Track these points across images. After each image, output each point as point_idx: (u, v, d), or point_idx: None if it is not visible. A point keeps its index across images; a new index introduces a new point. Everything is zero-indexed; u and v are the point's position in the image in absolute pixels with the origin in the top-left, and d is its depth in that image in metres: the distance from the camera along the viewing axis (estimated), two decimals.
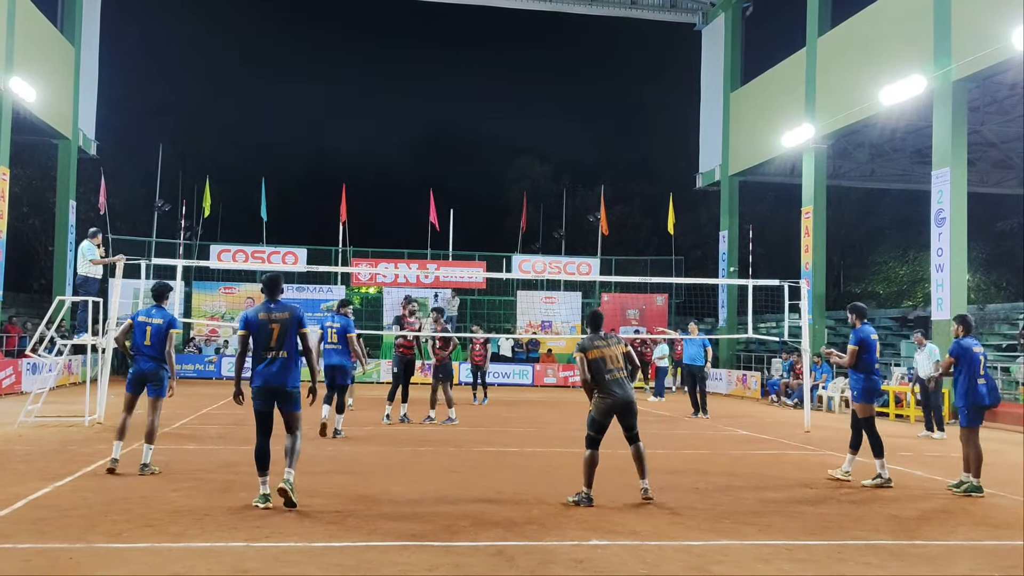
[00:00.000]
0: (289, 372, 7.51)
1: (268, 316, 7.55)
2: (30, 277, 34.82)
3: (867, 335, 9.79)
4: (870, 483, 9.40)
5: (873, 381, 9.71)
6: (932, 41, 20.42)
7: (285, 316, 7.57)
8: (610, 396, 7.97)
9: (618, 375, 8.03)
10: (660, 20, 34.71)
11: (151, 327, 9.06)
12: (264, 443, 7.51)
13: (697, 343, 18.82)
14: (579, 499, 7.86)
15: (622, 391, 8.01)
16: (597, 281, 32.91)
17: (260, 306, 7.68)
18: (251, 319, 7.61)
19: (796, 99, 26.70)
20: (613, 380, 8.00)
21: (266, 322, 7.53)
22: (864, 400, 9.68)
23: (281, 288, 7.83)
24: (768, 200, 40.55)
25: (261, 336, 7.52)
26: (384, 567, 5.67)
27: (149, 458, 8.95)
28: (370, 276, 32.11)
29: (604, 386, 7.99)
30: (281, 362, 7.48)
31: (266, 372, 7.46)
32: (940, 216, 20.13)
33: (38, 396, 13.55)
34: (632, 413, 8.07)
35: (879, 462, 9.40)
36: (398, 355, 15.00)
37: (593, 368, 8.01)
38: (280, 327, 7.52)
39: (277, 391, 7.49)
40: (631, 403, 8.04)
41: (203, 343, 30.48)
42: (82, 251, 14.01)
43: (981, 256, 37.68)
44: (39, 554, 5.76)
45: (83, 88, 29.19)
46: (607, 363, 8.01)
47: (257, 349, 7.55)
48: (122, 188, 37.06)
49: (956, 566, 6.17)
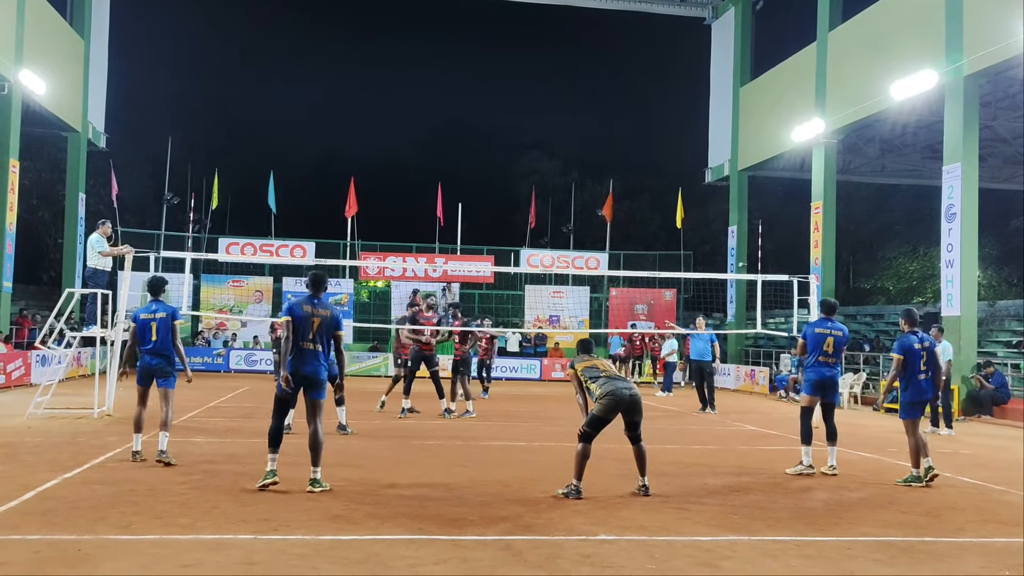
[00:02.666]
0: (321, 364, 7.95)
1: (312, 310, 7.93)
2: (40, 269, 34.97)
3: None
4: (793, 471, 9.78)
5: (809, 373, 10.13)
6: (943, 36, 20.30)
7: (327, 313, 7.99)
8: (617, 393, 7.92)
9: (614, 374, 8.22)
10: (670, 14, 34.67)
11: (156, 322, 9.27)
12: (280, 423, 7.98)
13: (704, 338, 18.77)
14: (568, 491, 7.92)
15: (626, 387, 8.02)
16: (605, 276, 32.91)
17: (304, 299, 8.03)
18: (296, 309, 7.93)
19: (806, 94, 26.59)
20: (610, 379, 8.07)
21: (309, 315, 7.90)
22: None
23: (326, 286, 8.24)
24: (777, 195, 40.42)
25: (302, 327, 7.87)
26: (391, 561, 5.66)
27: (165, 445, 9.15)
28: (378, 270, 32.15)
29: (608, 384, 8.01)
30: (315, 354, 7.91)
31: (299, 361, 7.86)
32: (950, 212, 20.03)
33: (47, 388, 13.59)
34: (638, 410, 8.05)
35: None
36: (416, 349, 14.95)
37: (587, 375, 8.17)
38: (321, 322, 7.92)
39: (308, 379, 7.88)
40: (636, 401, 8.01)
41: (212, 336, 30.54)
42: (91, 244, 14.05)
43: (992, 252, 37.54)
44: (48, 545, 5.77)
45: (92, 81, 29.29)
46: (599, 368, 8.21)
47: (296, 339, 7.87)
48: (131, 181, 37.16)
49: (966, 563, 6.14)
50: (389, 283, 33.09)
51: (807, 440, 9.94)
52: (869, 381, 22.63)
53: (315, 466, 7.82)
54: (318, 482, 7.76)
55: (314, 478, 7.79)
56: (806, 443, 9.91)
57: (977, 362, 19.56)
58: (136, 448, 9.26)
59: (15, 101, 23.28)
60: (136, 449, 9.26)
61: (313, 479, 7.78)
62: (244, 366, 28.54)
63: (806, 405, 10.16)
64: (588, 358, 8.40)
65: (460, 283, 30.56)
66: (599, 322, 32.87)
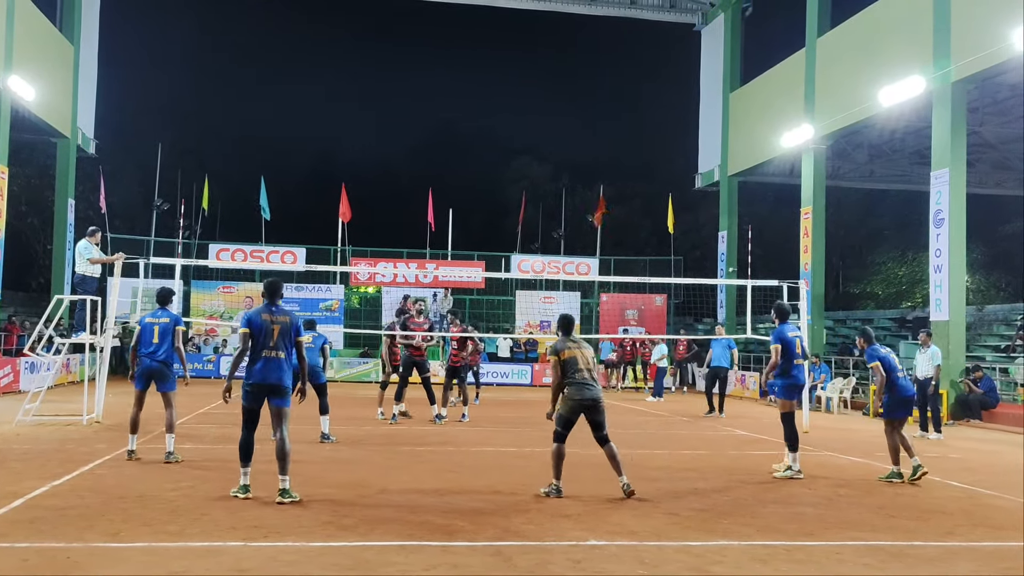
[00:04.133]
0: (284, 371, 7.87)
1: (270, 317, 7.89)
2: (29, 276, 34.82)
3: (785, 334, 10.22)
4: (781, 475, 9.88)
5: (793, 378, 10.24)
6: (931, 42, 20.42)
7: (286, 320, 7.96)
8: (579, 394, 8.21)
9: (587, 375, 8.32)
10: (660, 20, 34.73)
11: (159, 326, 9.73)
12: (249, 436, 7.86)
13: (723, 344, 19.06)
14: (550, 491, 8.19)
15: (591, 389, 8.27)
16: (596, 281, 32.92)
17: (262, 307, 7.99)
18: (254, 319, 7.88)
19: (795, 99, 26.71)
20: (583, 379, 8.26)
21: (268, 323, 7.86)
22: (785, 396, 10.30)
23: (281, 293, 8.19)
24: (767, 200, 40.56)
25: (262, 335, 7.82)
26: (382, 567, 5.66)
27: (172, 447, 9.60)
28: (369, 275, 32.10)
29: (574, 385, 8.23)
30: (277, 361, 7.84)
31: (264, 369, 7.79)
32: (939, 217, 20.13)
33: (36, 395, 13.51)
34: (600, 411, 8.30)
35: (792, 455, 9.91)
36: (406, 355, 14.92)
37: (565, 368, 8.30)
38: (280, 328, 7.87)
39: (273, 387, 7.80)
40: (597, 401, 8.28)
41: (202, 342, 30.45)
42: (79, 250, 14.01)
43: (980, 257, 37.70)
44: (37, 553, 5.74)
45: (82, 87, 29.19)
46: (578, 363, 8.31)
47: (256, 348, 7.83)
48: (121, 187, 37.01)
49: (955, 567, 6.16)
50: (380, 289, 33.04)
51: (796, 446, 10.02)
52: (858, 386, 22.69)
53: (283, 475, 7.63)
54: (287, 492, 7.56)
55: (283, 488, 7.59)
56: (795, 449, 9.99)
57: (965, 366, 19.63)
58: (131, 448, 9.62)
59: (4, 107, 23.17)
60: (131, 448, 9.61)
61: (282, 489, 7.58)
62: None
63: (789, 411, 10.24)
64: (571, 346, 8.43)
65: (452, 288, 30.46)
66: (590, 327, 32.88)
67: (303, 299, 30.63)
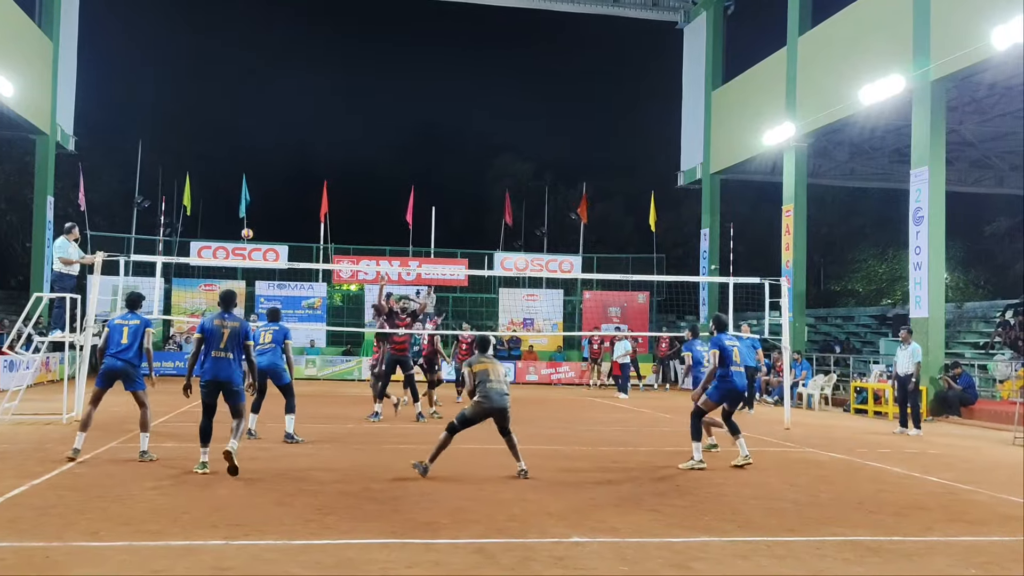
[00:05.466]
0: (233, 370, 9.00)
1: (221, 323, 9.02)
2: (7, 273, 34.54)
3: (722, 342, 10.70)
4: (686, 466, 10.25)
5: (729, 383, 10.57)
6: (911, 41, 20.57)
7: (236, 324, 9.08)
8: (488, 401, 9.16)
9: (497, 385, 9.27)
10: (642, 18, 34.78)
11: (128, 327, 9.86)
12: (208, 422, 9.06)
13: (748, 343, 19.13)
14: (418, 466, 9.07)
15: (499, 399, 9.21)
16: (579, 279, 32.96)
17: (216, 315, 9.19)
18: (206, 325, 9.07)
19: (777, 98, 26.83)
20: (492, 388, 9.21)
21: (219, 328, 8.98)
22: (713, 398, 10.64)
23: (235, 303, 9.43)
24: (749, 198, 40.69)
25: (213, 339, 8.96)
26: (364, 565, 5.65)
27: (146, 445, 9.70)
28: (351, 273, 31.99)
29: (484, 392, 9.19)
30: (227, 361, 8.96)
31: (215, 368, 8.95)
32: (918, 215, 20.28)
33: (15, 393, 13.42)
34: (506, 418, 9.31)
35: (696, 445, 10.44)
36: (389, 353, 14.78)
37: (477, 378, 9.28)
38: (229, 332, 8.99)
39: (222, 384, 8.95)
40: (505, 410, 9.26)
41: (183, 340, 30.26)
42: (55, 247, 13.91)
43: (959, 255, 38.05)
44: (15, 553, 5.70)
45: (61, 83, 28.94)
46: (489, 375, 9.29)
47: (208, 349, 8.98)
48: (101, 184, 36.75)
49: (933, 562, 6.22)
50: (362, 287, 32.93)
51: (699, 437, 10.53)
52: (840, 383, 22.84)
53: (234, 439, 8.77)
54: (232, 447, 8.64)
55: (230, 444, 8.67)
56: (698, 439, 10.47)
57: (945, 363, 19.80)
58: (77, 446, 9.47)
59: None
60: (77, 447, 9.47)
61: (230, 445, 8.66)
62: None
63: (704, 410, 10.62)
64: (484, 360, 9.44)
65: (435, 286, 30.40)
66: (573, 325, 32.94)
67: (285, 297, 30.51)
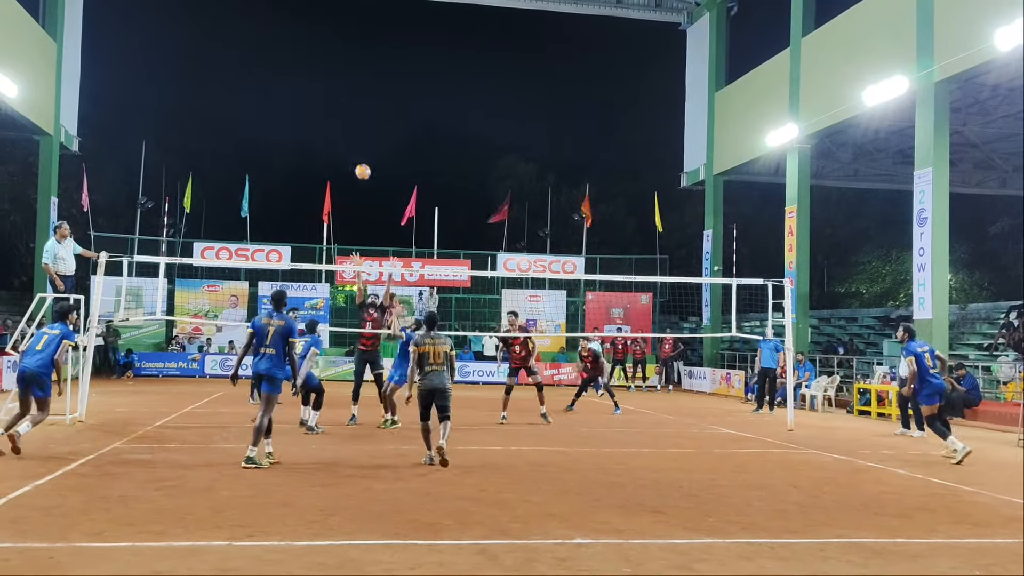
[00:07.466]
0: (273, 364, 9.67)
1: (269, 321, 9.80)
2: (11, 274, 34.59)
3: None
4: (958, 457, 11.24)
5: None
6: (915, 42, 20.55)
7: (281, 323, 9.79)
8: (427, 381, 9.82)
9: (436, 368, 9.85)
10: (645, 19, 34.81)
11: (47, 336, 10.35)
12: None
13: (770, 345, 19.42)
14: (425, 459, 9.89)
15: (438, 379, 9.86)
16: (582, 280, 32.97)
17: (266, 313, 10.05)
18: (256, 324, 9.86)
19: (780, 99, 26.81)
20: (432, 371, 9.83)
21: (266, 326, 9.76)
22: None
23: (284, 302, 10.15)
24: (752, 199, 40.67)
25: (261, 336, 9.73)
26: (367, 566, 5.65)
27: (24, 430, 9.81)
28: (354, 274, 31.95)
29: (424, 374, 9.83)
30: (269, 356, 9.69)
31: (258, 362, 9.76)
32: (922, 216, 20.26)
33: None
34: (444, 397, 9.88)
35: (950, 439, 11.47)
36: (358, 352, 14.50)
37: (420, 359, 9.87)
38: (275, 330, 9.72)
39: (262, 377, 9.68)
40: (443, 389, 9.87)
41: (186, 341, 30.30)
42: (44, 252, 13.94)
43: (963, 256, 37.99)
44: (19, 553, 5.71)
45: (65, 84, 29.00)
46: (430, 357, 9.85)
47: (258, 345, 9.73)
48: (104, 185, 36.78)
49: (937, 564, 6.20)
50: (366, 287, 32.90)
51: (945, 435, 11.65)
52: (843, 384, 22.81)
53: (254, 445, 9.34)
54: (251, 459, 9.23)
55: (248, 456, 9.27)
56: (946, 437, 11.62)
57: (949, 365, 19.75)
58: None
59: None
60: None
61: (247, 457, 9.27)
62: (219, 371, 28.31)
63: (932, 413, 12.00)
64: (427, 342, 9.87)
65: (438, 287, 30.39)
66: (576, 326, 32.91)
67: (288, 298, 30.45)
